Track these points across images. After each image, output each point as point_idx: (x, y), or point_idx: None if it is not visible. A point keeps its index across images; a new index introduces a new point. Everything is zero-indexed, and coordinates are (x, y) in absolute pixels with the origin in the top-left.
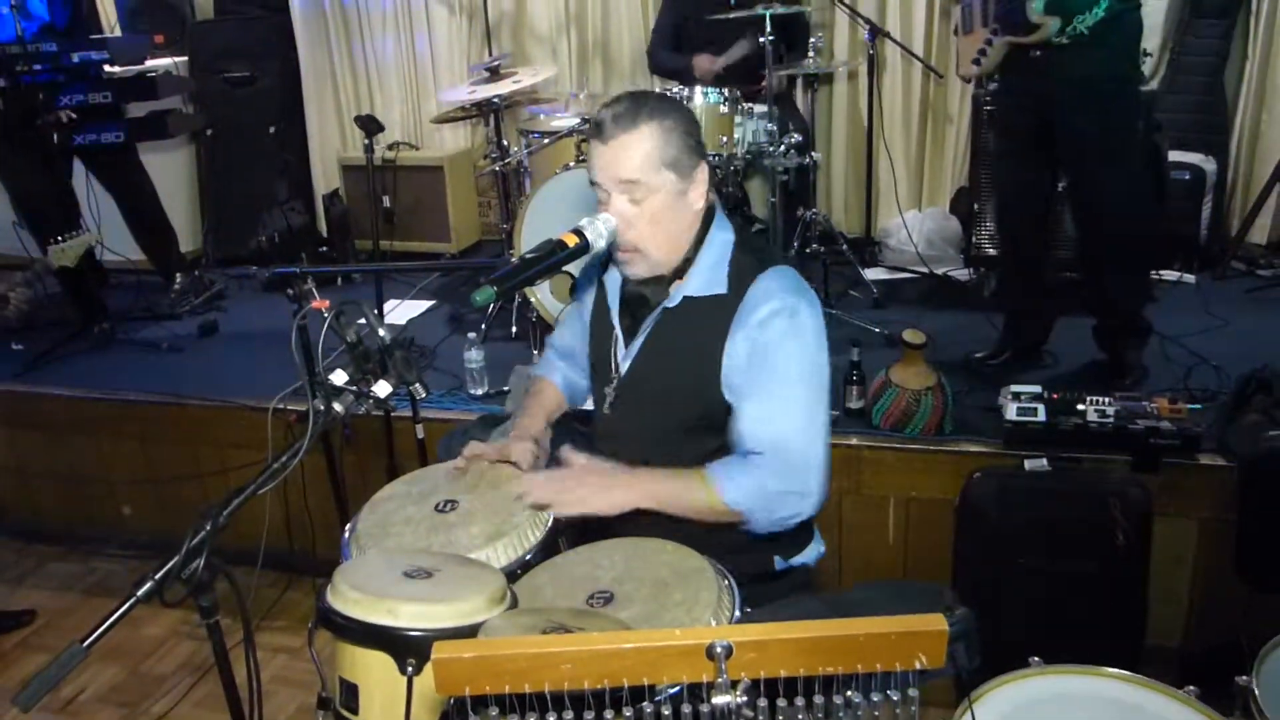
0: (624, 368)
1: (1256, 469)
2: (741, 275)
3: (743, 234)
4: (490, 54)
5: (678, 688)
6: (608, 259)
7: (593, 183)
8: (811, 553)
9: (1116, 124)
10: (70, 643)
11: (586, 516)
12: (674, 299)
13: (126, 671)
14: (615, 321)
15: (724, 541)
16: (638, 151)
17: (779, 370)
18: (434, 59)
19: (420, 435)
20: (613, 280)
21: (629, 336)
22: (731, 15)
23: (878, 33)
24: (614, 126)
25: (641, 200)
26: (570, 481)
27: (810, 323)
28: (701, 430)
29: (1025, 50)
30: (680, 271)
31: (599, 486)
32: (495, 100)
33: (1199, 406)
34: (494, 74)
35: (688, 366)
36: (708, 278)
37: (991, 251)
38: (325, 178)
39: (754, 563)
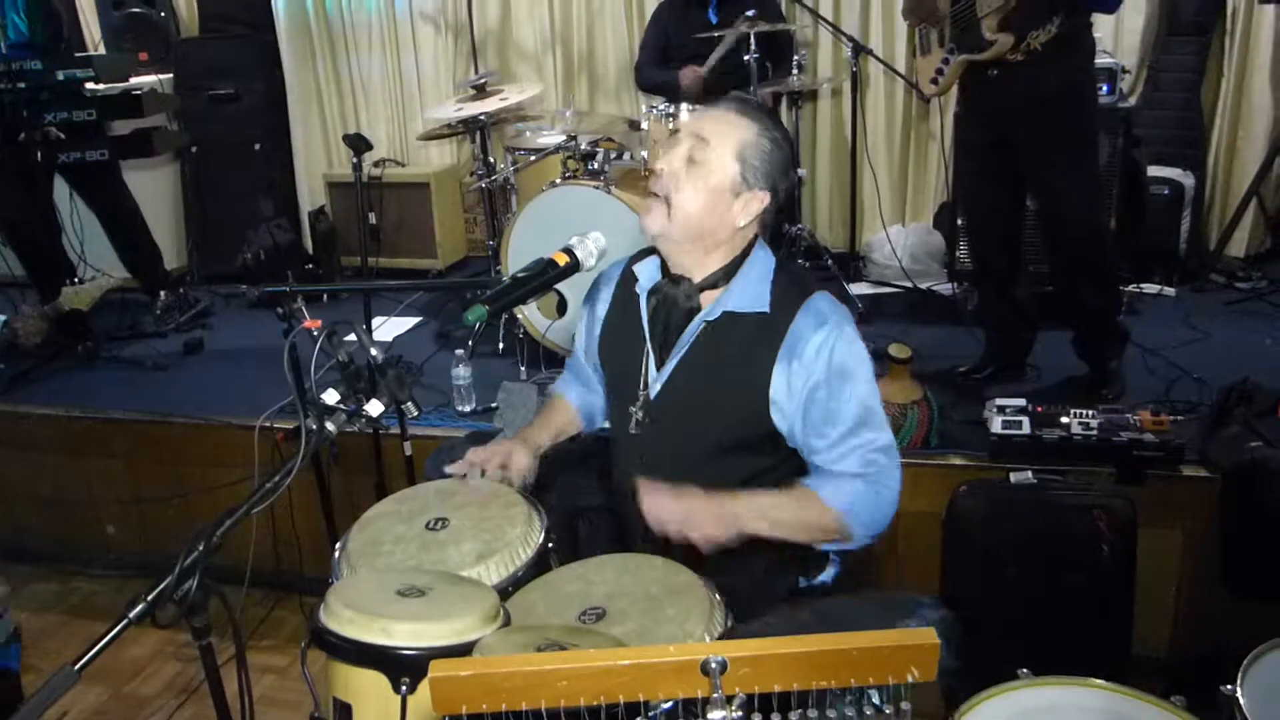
0: (655, 386)
1: (1239, 480)
2: (785, 297)
3: (781, 260)
4: (476, 71)
5: (672, 704)
6: (629, 273)
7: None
8: (830, 571)
9: (1074, 135)
10: (61, 666)
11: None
12: (714, 313)
13: (110, 693)
14: (645, 335)
15: (755, 564)
16: (729, 128)
17: (849, 405)
18: (420, 76)
19: (408, 452)
20: (644, 288)
21: (661, 351)
22: (716, 33)
23: (860, 50)
24: (729, 101)
25: (695, 163)
26: (688, 506)
27: (860, 344)
28: (740, 451)
29: (982, 68)
30: (714, 283)
31: (715, 515)
32: (482, 117)
33: (1181, 418)
34: (480, 91)
35: (731, 386)
36: (752, 293)
37: (971, 267)
38: (311, 195)
39: (779, 585)
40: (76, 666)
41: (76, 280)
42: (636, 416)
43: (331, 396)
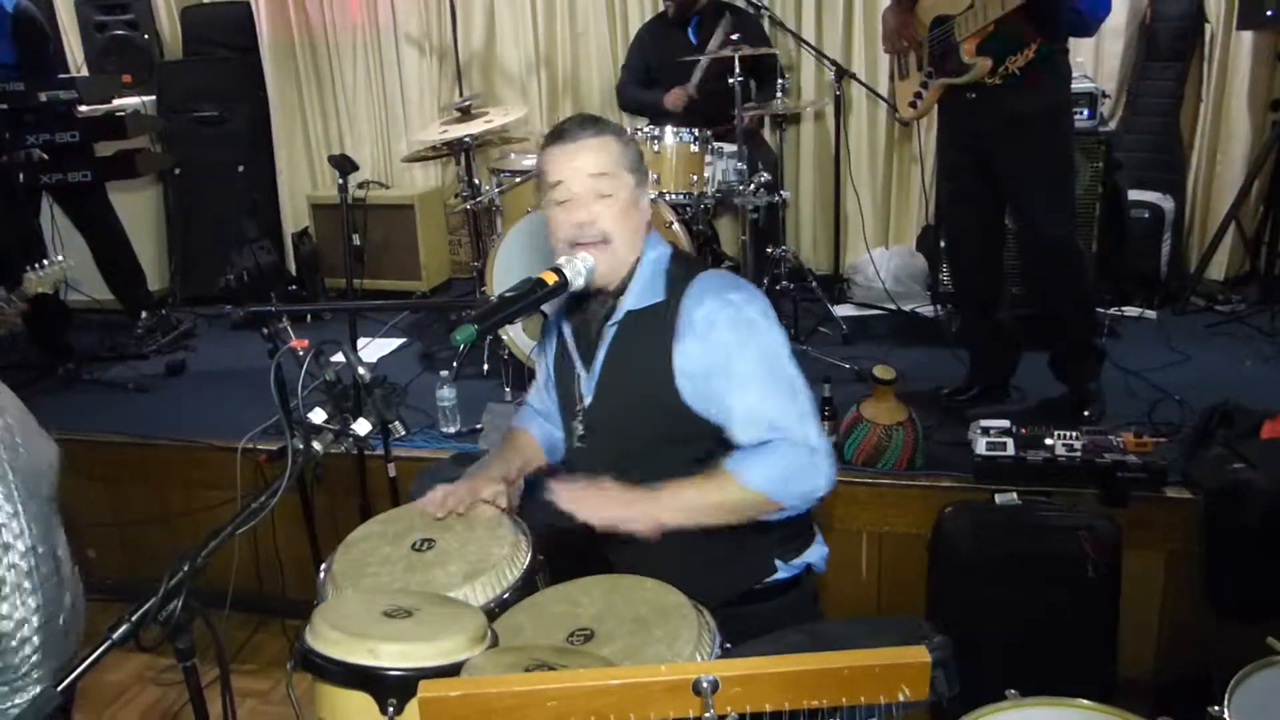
0: (588, 398)
1: (1221, 501)
2: (676, 282)
3: (675, 249)
4: (461, 94)
5: None
6: (559, 313)
7: (550, 185)
8: (815, 553)
9: (1050, 158)
10: (44, 688)
11: (608, 529)
12: (618, 314)
13: (90, 719)
14: (574, 356)
15: (722, 545)
16: (606, 150)
17: (743, 365)
18: (404, 99)
19: (392, 474)
20: (563, 321)
21: (587, 365)
22: (700, 56)
23: (844, 74)
24: (580, 130)
25: (611, 194)
26: (596, 493)
27: (752, 308)
28: (672, 443)
29: (961, 92)
30: (621, 289)
31: (624, 502)
32: (466, 140)
33: (1164, 440)
34: (465, 114)
35: (642, 379)
36: (647, 289)
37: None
38: (294, 217)
39: (755, 566)
40: (59, 687)
41: (36, 266)
42: (578, 431)
43: (318, 416)
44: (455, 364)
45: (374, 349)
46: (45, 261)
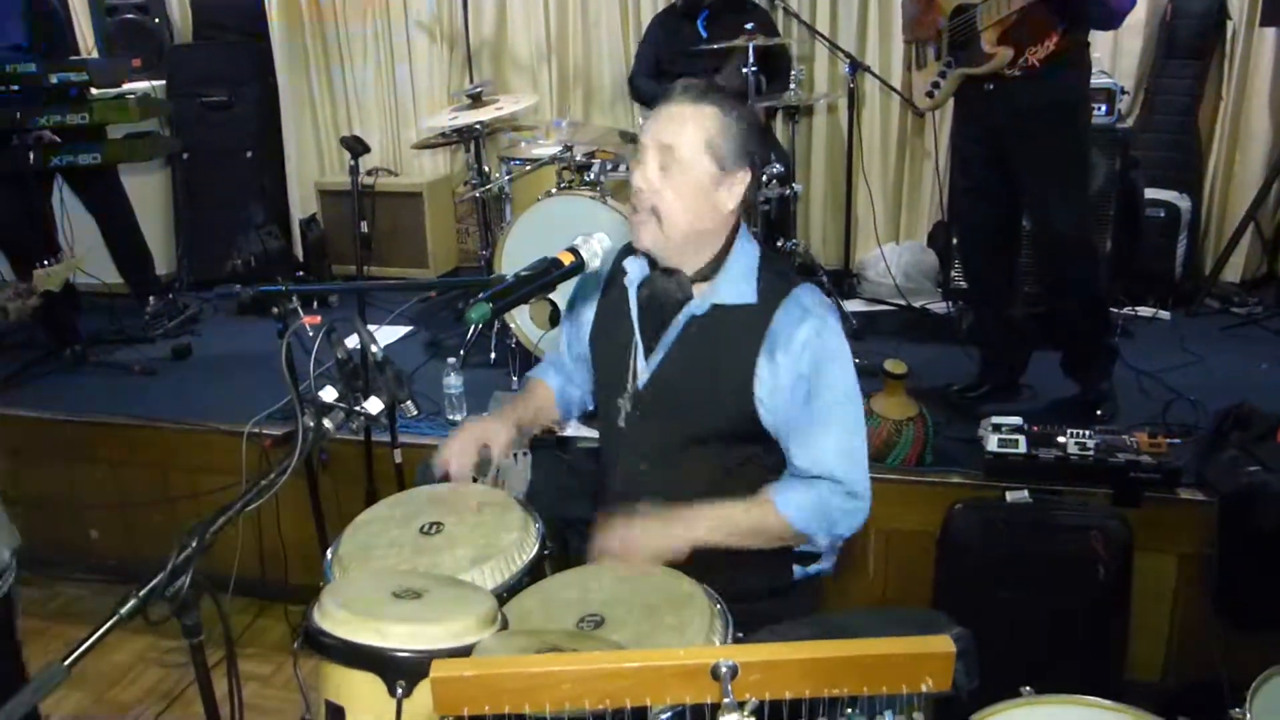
0: (644, 377)
1: (1235, 504)
2: (771, 288)
3: (765, 249)
4: (471, 82)
5: (680, 709)
6: (614, 270)
7: (638, 144)
8: (827, 560)
9: (1067, 151)
10: (50, 662)
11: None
12: (701, 306)
13: (92, 699)
14: (635, 328)
15: (744, 555)
16: (690, 124)
17: (828, 396)
18: (414, 86)
19: (398, 460)
20: (634, 282)
21: (650, 344)
22: (713, 46)
23: (858, 67)
24: (682, 95)
25: (669, 170)
26: (638, 535)
27: (843, 338)
28: (724, 441)
29: (979, 84)
30: (705, 275)
31: (663, 535)
32: (477, 126)
33: (1178, 441)
34: (476, 100)
35: (717, 378)
36: (738, 287)
37: (965, 286)
38: (302, 203)
39: (772, 575)
40: (66, 663)
41: (47, 262)
42: (625, 409)
43: (329, 394)
44: (462, 352)
45: (381, 337)
46: (54, 258)
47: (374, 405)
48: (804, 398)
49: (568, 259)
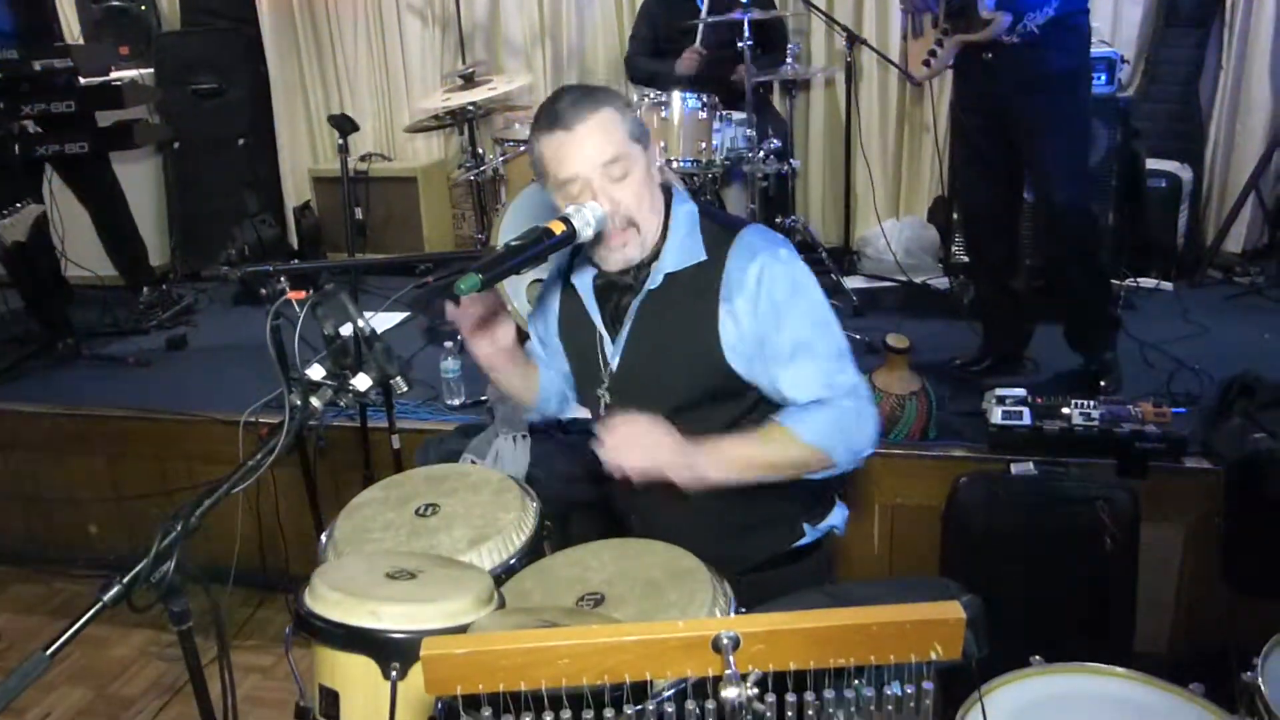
0: (614, 362)
1: (1243, 472)
2: (716, 240)
3: (702, 204)
4: (464, 65)
5: (681, 683)
6: (568, 268)
7: (561, 182)
8: (838, 515)
9: (1066, 119)
10: (32, 651)
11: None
12: (655, 280)
13: (94, 694)
14: (595, 320)
15: (747, 511)
16: (606, 128)
17: (797, 326)
18: (407, 71)
19: (396, 445)
20: (582, 282)
21: (613, 330)
22: (707, 20)
23: (855, 40)
24: (575, 114)
25: (625, 176)
26: (645, 434)
27: (798, 265)
28: (709, 403)
29: (977, 53)
30: (656, 253)
31: (675, 449)
32: (470, 108)
33: (1183, 410)
34: (469, 81)
35: (684, 342)
36: (685, 249)
37: (967, 259)
38: (296, 190)
39: (784, 533)
40: (48, 651)
41: (5, 213)
42: (604, 399)
43: (317, 372)
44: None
45: (377, 323)
46: (14, 207)
47: (362, 382)
48: (774, 331)
49: (559, 228)
